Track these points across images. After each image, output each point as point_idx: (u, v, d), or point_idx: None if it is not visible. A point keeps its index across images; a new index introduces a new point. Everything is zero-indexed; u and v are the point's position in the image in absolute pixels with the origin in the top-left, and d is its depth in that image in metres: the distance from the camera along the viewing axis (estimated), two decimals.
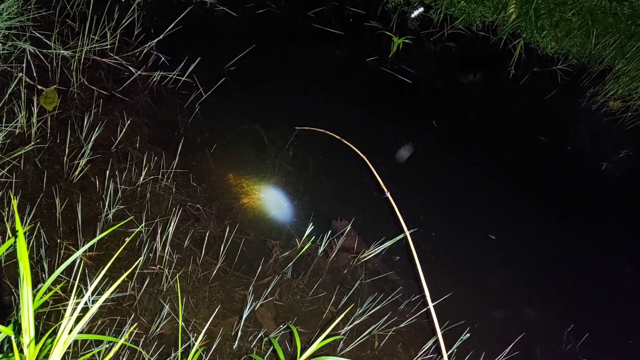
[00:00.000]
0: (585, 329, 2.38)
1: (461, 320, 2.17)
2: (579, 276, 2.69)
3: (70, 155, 2.10)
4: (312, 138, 2.68)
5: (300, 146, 2.65)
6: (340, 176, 2.65)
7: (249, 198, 2.36)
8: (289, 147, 2.63)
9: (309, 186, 2.52)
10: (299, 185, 2.51)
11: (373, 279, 2.27)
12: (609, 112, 3.71)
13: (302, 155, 2.63)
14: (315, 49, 3.44)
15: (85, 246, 1.17)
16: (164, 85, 2.61)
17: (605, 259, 2.84)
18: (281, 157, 2.58)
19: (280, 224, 2.33)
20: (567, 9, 3.95)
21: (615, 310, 2.60)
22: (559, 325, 2.40)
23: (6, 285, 1.70)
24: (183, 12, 2.89)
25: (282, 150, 2.61)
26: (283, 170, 2.54)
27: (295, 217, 2.38)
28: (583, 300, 2.58)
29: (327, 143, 2.68)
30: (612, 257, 2.87)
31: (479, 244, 2.64)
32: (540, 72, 3.87)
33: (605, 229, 3.00)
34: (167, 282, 1.93)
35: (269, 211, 2.36)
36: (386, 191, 2.02)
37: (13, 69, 2.26)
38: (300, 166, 2.58)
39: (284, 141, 2.65)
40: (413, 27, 3.81)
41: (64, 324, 0.81)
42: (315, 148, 2.67)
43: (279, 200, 2.41)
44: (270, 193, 2.42)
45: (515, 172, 3.14)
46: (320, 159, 2.66)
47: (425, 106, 3.33)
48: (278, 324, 1.99)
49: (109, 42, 2.58)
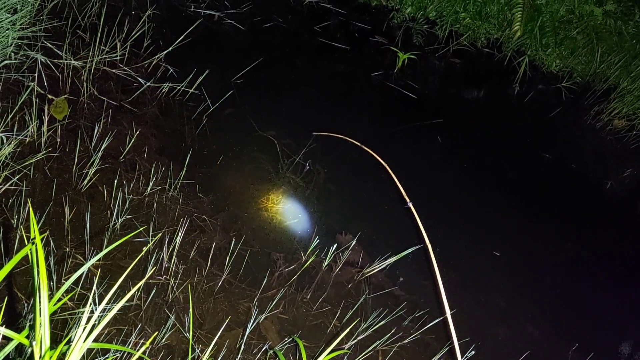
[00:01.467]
0: (590, 349, 2.37)
1: (466, 337, 2.17)
2: (583, 295, 2.68)
3: (80, 165, 2.12)
4: (319, 152, 2.70)
5: (306, 159, 2.66)
6: (346, 190, 2.66)
7: (254, 210, 2.37)
8: (295, 160, 2.64)
9: (314, 199, 2.53)
10: (305, 199, 2.52)
11: (377, 294, 2.27)
12: (614, 130, 3.72)
13: (308, 168, 2.64)
14: (321, 63, 3.47)
15: (95, 258, 1.18)
16: (172, 97, 2.63)
17: (611, 278, 2.83)
18: (287, 170, 2.59)
19: (285, 237, 2.33)
20: (572, 27, 3.99)
21: (620, 330, 2.59)
22: (563, 344, 2.39)
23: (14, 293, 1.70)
24: (192, 25, 2.93)
25: (288, 163, 2.62)
26: (289, 183, 2.55)
27: (300, 230, 2.38)
28: (588, 320, 2.57)
29: (334, 157, 2.70)
30: (617, 276, 2.86)
31: (483, 261, 2.64)
32: (544, 89, 3.89)
33: (610, 247, 3.00)
34: (173, 293, 1.93)
35: (274, 223, 2.36)
36: (408, 201, 2.01)
37: (25, 79, 2.28)
38: (306, 179, 2.59)
39: (290, 154, 2.66)
40: (418, 43, 3.84)
41: (79, 333, 0.81)
42: (322, 162, 2.68)
43: (284, 212, 2.42)
44: (276, 205, 2.43)
45: (519, 189, 3.15)
46: (326, 173, 2.67)
47: (430, 121, 3.35)
48: (282, 337, 1.99)
49: (118, 53, 2.61)
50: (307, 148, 2.67)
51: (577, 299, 2.65)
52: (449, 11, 3.95)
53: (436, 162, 3.07)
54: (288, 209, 2.44)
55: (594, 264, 2.86)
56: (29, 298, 1.73)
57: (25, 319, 1.64)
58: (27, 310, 1.67)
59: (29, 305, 1.70)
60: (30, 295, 1.73)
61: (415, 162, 3.00)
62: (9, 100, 2.18)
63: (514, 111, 3.72)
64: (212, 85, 2.73)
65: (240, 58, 3.03)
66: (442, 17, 3.99)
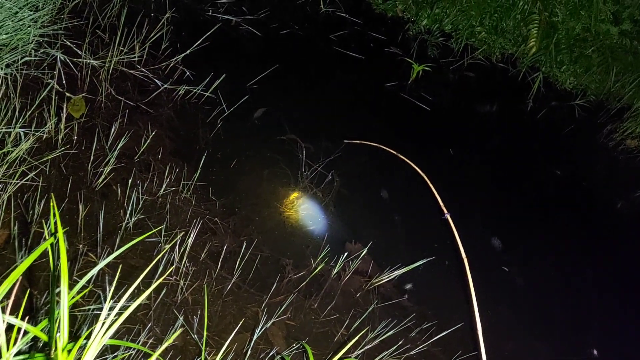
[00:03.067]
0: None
1: (473, 352, 2.16)
2: (591, 312, 2.66)
3: (95, 163, 2.13)
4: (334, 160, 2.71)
5: (321, 166, 2.67)
6: (358, 199, 2.66)
7: (266, 215, 2.38)
8: (309, 166, 2.65)
9: (326, 207, 2.53)
10: (317, 205, 2.52)
11: (385, 304, 2.26)
12: (626, 150, 3.70)
13: (322, 175, 2.64)
14: (335, 72, 3.49)
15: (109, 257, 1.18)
16: (187, 100, 2.65)
17: (618, 297, 2.81)
18: (301, 176, 2.59)
19: (295, 243, 2.33)
20: (587, 45, 3.98)
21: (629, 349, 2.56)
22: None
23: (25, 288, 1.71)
24: (209, 30, 2.95)
25: (301, 169, 2.63)
26: (302, 189, 2.55)
27: (310, 237, 2.39)
28: (596, 338, 2.55)
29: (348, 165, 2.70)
30: (625, 296, 2.84)
31: (492, 276, 2.63)
32: (558, 106, 3.89)
33: (619, 267, 2.98)
34: (182, 294, 1.94)
35: (285, 229, 2.37)
36: (446, 212, 2.00)
37: (44, 76, 2.31)
38: (319, 187, 2.59)
39: (302, 160, 2.67)
40: (433, 55, 3.85)
41: (98, 328, 0.82)
42: (336, 169, 2.69)
43: (295, 219, 2.43)
44: (288, 211, 2.44)
45: (529, 204, 3.13)
46: (339, 181, 2.67)
47: (443, 134, 3.35)
48: (289, 344, 1.99)
49: (137, 54, 2.64)
50: (334, 155, 2.67)
51: (585, 317, 2.63)
52: (464, 25, 3.96)
53: (447, 173, 3.06)
54: (299, 215, 2.45)
55: (603, 283, 2.84)
56: (40, 293, 1.74)
57: (38, 313, 1.65)
58: (40, 305, 1.68)
59: (39, 300, 1.71)
60: (42, 290, 1.74)
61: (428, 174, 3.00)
62: (28, 97, 2.21)
63: (526, 127, 3.71)
64: (228, 90, 2.74)
65: (256, 64, 3.05)
66: (457, 30, 4.00)
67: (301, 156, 2.67)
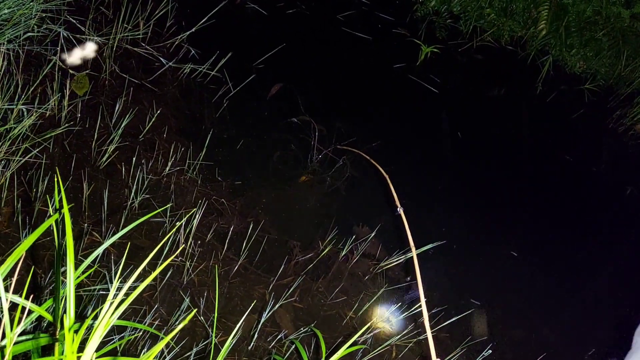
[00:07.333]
0: (607, 354, 2.32)
1: (483, 336, 2.13)
2: (601, 300, 2.63)
3: (99, 141, 2.09)
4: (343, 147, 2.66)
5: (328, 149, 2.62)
6: (367, 182, 2.62)
7: (273, 197, 2.34)
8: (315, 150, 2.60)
9: (334, 189, 2.49)
10: (325, 188, 2.48)
11: (393, 287, 2.23)
12: (636, 135, 3.65)
13: (330, 158, 2.59)
14: (342, 52, 3.42)
15: (114, 237, 1.15)
16: (193, 78, 2.60)
17: (628, 284, 2.78)
18: (310, 159, 2.55)
19: (303, 225, 2.30)
20: (597, 28, 3.91)
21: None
22: (579, 348, 2.35)
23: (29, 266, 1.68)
24: (215, 7, 2.88)
25: (309, 152, 2.58)
26: (309, 171, 2.51)
27: (317, 219, 2.35)
28: (605, 325, 2.53)
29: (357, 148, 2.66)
30: (635, 281, 2.81)
31: (500, 260, 2.60)
32: (567, 90, 3.82)
33: (629, 253, 2.95)
34: (188, 275, 1.90)
35: (292, 212, 2.33)
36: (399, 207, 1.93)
37: (47, 52, 2.25)
38: (327, 169, 2.55)
39: (309, 143, 2.62)
40: (441, 37, 3.78)
41: (106, 308, 0.78)
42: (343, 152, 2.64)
43: (303, 200, 2.39)
44: (295, 193, 2.40)
45: (538, 189, 3.09)
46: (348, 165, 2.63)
47: (451, 117, 3.30)
48: (296, 326, 1.96)
49: (141, 31, 2.57)
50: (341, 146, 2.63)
51: (595, 304, 2.60)
52: (473, 6, 3.88)
53: (456, 157, 3.02)
54: (306, 197, 2.41)
55: (611, 269, 2.82)
56: (44, 273, 1.70)
57: (43, 292, 1.62)
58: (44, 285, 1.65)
59: (43, 280, 1.68)
60: (46, 270, 1.70)
61: (434, 158, 2.96)
62: (31, 73, 2.15)
63: (535, 110, 3.66)
64: (234, 69, 2.68)
65: (261, 43, 2.98)
66: (466, 12, 3.92)
67: (312, 139, 2.62)
